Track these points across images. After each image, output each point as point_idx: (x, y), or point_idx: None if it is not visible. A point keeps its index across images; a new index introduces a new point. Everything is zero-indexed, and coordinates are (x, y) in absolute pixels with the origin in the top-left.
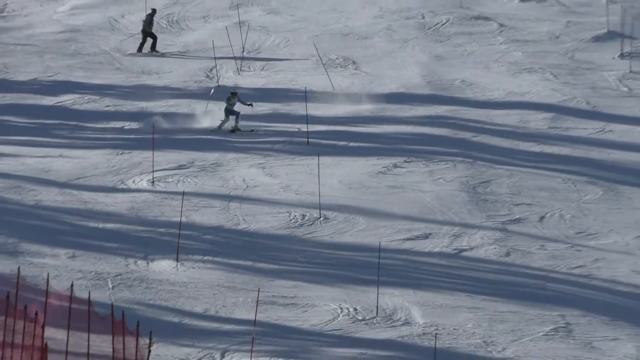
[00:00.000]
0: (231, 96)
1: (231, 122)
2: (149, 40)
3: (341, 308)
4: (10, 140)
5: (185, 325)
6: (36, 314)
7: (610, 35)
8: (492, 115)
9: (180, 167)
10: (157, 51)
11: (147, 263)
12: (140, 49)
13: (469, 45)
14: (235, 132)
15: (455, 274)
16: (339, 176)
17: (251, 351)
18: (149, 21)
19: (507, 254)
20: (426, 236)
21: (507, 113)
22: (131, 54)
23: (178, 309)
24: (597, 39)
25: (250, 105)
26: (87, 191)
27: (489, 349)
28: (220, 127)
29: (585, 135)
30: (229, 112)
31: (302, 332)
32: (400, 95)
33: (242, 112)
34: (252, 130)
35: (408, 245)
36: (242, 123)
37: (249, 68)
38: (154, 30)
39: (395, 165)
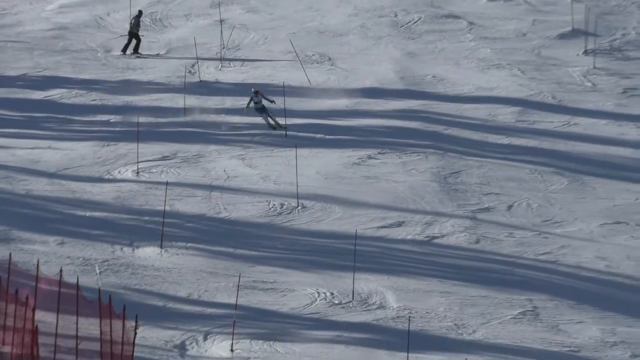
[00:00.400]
0: (254, 94)
1: (269, 120)
2: (134, 42)
3: (318, 292)
4: (1, 132)
5: (170, 309)
6: (27, 298)
7: (575, 33)
8: (463, 109)
9: (163, 158)
10: (139, 53)
11: (133, 250)
12: (124, 50)
13: (440, 42)
14: (276, 129)
15: (427, 260)
16: (316, 167)
17: (232, 333)
18: (136, 23)
19: (477, 241)
20: (399, 224)
21: (477, 107)
22: (119, 55)
23: (162, 293)
24: (562, 36)
25: (273, 102)
26: (75, 181)
27: (460, 332)
28: (270, 125)
29: (552, 128)
30: (260, 110)
31: (281, 315)
32: (375, 90)
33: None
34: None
35: (382, 232)
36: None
37: (229, 64)
38: (139, 32)
39: (370, 157)
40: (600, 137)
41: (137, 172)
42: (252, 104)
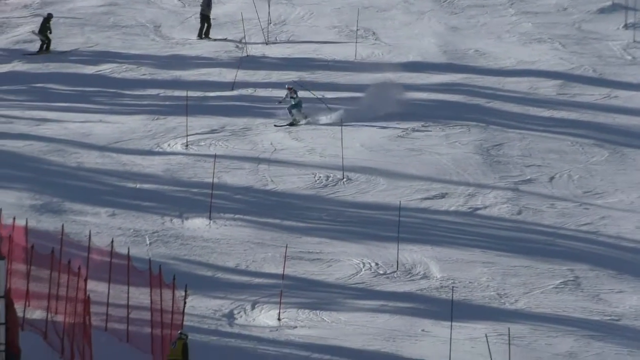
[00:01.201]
0: (289, 92)
1: (298, 116)
2: (205, 25)
3: (363, 263)
4: (53, 106)
5: (218, 279)
6: (79, 268)
7: (615, 7)
8: (504, 82)
9: (212, 131)
10: (209, 37)
11: (182, 221)
12: (200, 34)
13: (482, 17)
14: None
15: (470, 231)
16: (360, 140)
17: (280, 303)
18: (207, 3)
19: (519, 212)
20: (443, 196)
21: (518, 80)
22: (197, 39)
23: (211, 263)
24: (603, 10)
25: (321, 97)
26: (125, 154)
27: (502, 301)
28: (296, 122)
29: (592, 101)
30: (294, 106)
31: (327, 285)
32: (418, 64)
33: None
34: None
35: (426, 204)
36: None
37: (276, 39)
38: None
39: (414, 130)
40: None
41: (186, 145)
42: (290, 100)
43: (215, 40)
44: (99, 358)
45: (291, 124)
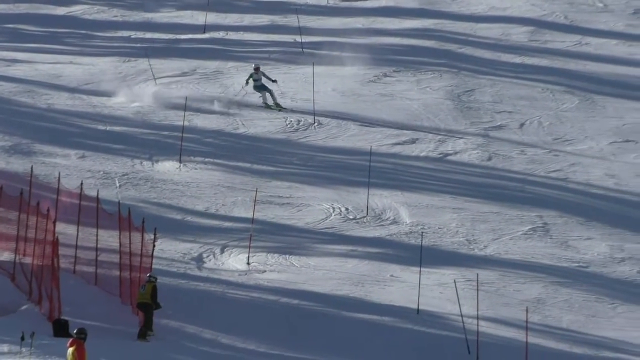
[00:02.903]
0: (254, 71)
1: (267, 98)
2: None
3: (333, 208)
4: (23, 47)
5: (188, 222)
6: (48, 210)
7: None
8: (476, 28)
9: (183, 74)
10: None
11: (152, 164)
12: None
13: None
14: (272, 108)
15: (440, 176)
16: (332, 84)
17: (249, 247)
18: None
19: (489, 159)
20: (413, 141)
21: (490, 26)
22: None
23: (181, 207)
24: None
25: (275, 81)
26: (95, 96)
27: (471, 247)
28: (267, 105)
29: (563, 47)
30: (258, 88)
31: (297, 229)
32: (390, 9)
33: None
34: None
35: (396, 149)
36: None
37: None
38: None
39: (385, 75)
40: (611, 57)
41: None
42: (250, 81)
43: None
44: (67, 300)
45: (267, 103)
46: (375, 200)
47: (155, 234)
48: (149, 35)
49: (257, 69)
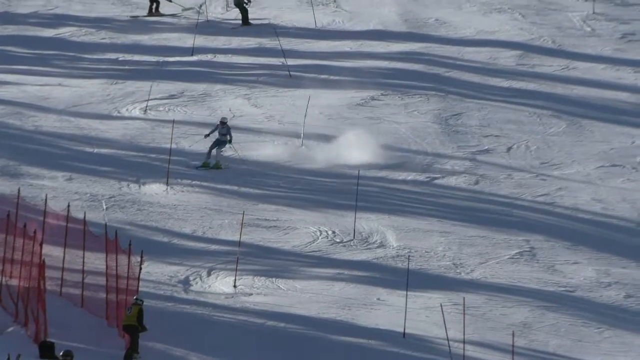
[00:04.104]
0: (220, 125)
1: (213, 154)
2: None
3: (320, 231)
4: (12, 69)
5: (175, 245)
6: (35, 232)
7: None
8: (464, 52)
9: (171, 96)
10: (160, 13)
11: (139, 186)
12: (150, 11)
13: None
14: (207, 167)
15: (427, 200)
16: (319, 107)
17: (236, 270)
18: None
19: (476, 182)
20: (401, 165)
21: (478, 50)
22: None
23: (168, 229)
24: None
25: (230, 141)
26: (83, 118)
27: (458, 271)
28: (205, 163)
29: (551, 72)
30: (218, 142)
31: (284, 252)
32: (378, 32)
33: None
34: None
35: (384, 173)
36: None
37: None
38: None
39: (373, 98)
40: (598, 82)
41: (145, 110)
42: (215, 133)
43: (166, 15)
44: (53, 323)
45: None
46: (362, 224)
47: (141, 257)
48: (136, 57)
49: (223, 123)
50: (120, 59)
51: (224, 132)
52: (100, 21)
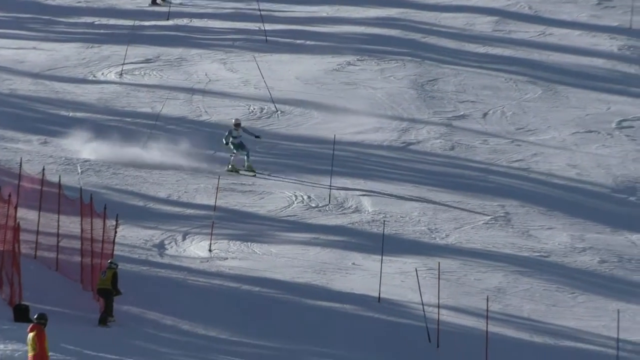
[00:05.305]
0: (234, 128)
1: (239, 157)
2: None
3: (296, 196)
4: None
5: (150, 209)
6: (9, 195)
7: None
8: (441, 17)
9: (146, 61)
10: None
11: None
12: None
13: None
14: (239, 172)
15: (403, 165)
16: (295, 72)
17: (211, 234)
18: None
19: (452, 148)
20: (376, 130)
21: (455, 16)
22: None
23: (143, 193)
24: None
25: (258, 137)
26: (59, 82)
27: (433, 236)
28: (230, 166)
29: (527, 38)
30: (236, 146)
31: (259, 217)
32: None
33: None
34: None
35: (359, 138)
36: None
37: None
38: None
39: (349, 63)
40: (574, 48)
41: (121, 74)
42: (231, 139)
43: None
44: (27, 286)
45: (230, 166)
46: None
47: (117, 221)
48: (112, 21)
49: (237, 125)
50: (96, 22)
51: (237, 134)
52: None
